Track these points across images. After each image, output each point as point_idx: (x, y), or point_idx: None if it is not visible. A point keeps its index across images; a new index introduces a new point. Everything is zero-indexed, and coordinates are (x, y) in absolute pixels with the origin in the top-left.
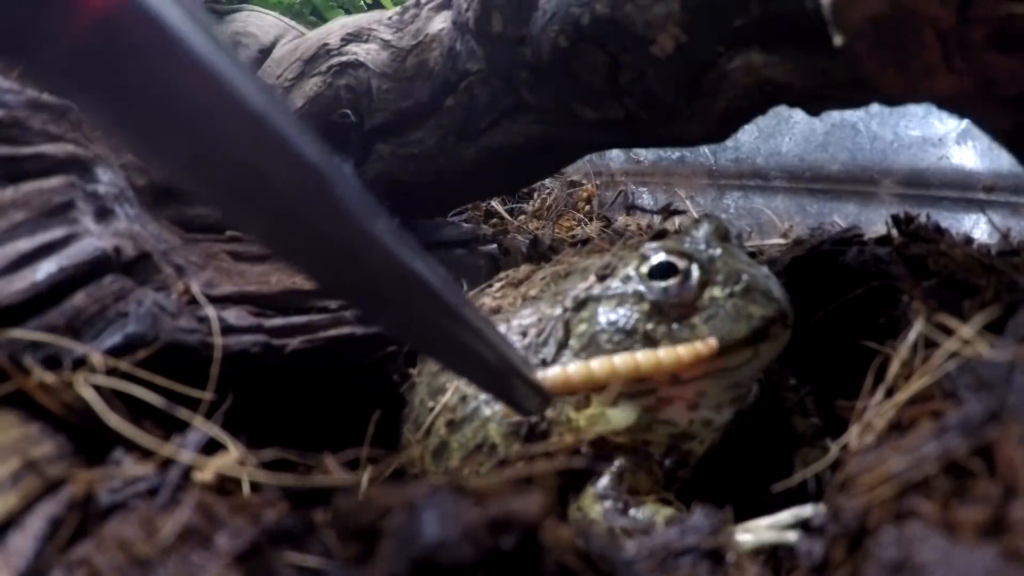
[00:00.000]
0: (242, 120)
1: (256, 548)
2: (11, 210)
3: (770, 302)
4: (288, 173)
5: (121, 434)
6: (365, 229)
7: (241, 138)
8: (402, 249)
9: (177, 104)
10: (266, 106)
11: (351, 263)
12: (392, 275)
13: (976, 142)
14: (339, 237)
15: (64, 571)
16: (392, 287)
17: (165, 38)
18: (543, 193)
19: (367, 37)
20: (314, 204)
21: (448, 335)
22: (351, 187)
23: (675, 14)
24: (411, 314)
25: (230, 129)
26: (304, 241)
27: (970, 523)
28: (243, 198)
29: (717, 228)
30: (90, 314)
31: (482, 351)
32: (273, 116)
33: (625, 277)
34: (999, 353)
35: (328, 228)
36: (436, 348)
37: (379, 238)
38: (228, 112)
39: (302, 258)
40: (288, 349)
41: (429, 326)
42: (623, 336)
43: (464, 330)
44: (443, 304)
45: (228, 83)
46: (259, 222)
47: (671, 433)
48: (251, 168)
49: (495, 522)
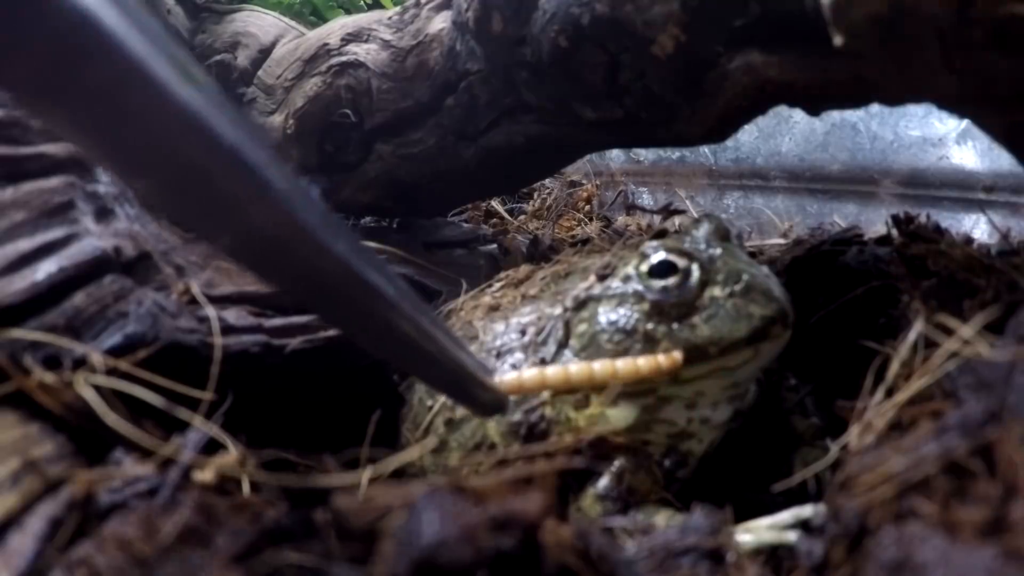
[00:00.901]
0: (179, 125)
1: (256, 548)
2: (11, 210)
3: (770, 302)
4: (225, 171)
5: (121, 434)
6: (321, 240)
7: (178, 142)
8: (363, 264)
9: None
10: (208, 111)
11: (309, 274)
12: (350, 286)
13: (976, 142)
14: (294, 246)
15: (64, 571)
16: (350, 297)
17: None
18: (543, 193)
19: (367, 37)
20: (259, 206)
21: (404, 341)
22: (296, 191)
23: (675, 14)
24: (368, 322)
25: (167, 131)
26: (259, 252)
27: (970, 523)
28: (191, 204)
29: (717, 228)
30: (90, 314)
31: (438, 356)
32: (210, 118)
33: (625, 277)
34: (999, 353)
35: (280, 237)
36: (393, 353)
37: (338, 252)
38: (166, 116)
39: (261, 268)
40: (288, 349)
41: (387, 334)
42: (623, 336)
43: (421, 337)
44: (401, 313)
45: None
46: (209, 228)
47: (670, 432)
48: (194, 173)
49: (495, 522)
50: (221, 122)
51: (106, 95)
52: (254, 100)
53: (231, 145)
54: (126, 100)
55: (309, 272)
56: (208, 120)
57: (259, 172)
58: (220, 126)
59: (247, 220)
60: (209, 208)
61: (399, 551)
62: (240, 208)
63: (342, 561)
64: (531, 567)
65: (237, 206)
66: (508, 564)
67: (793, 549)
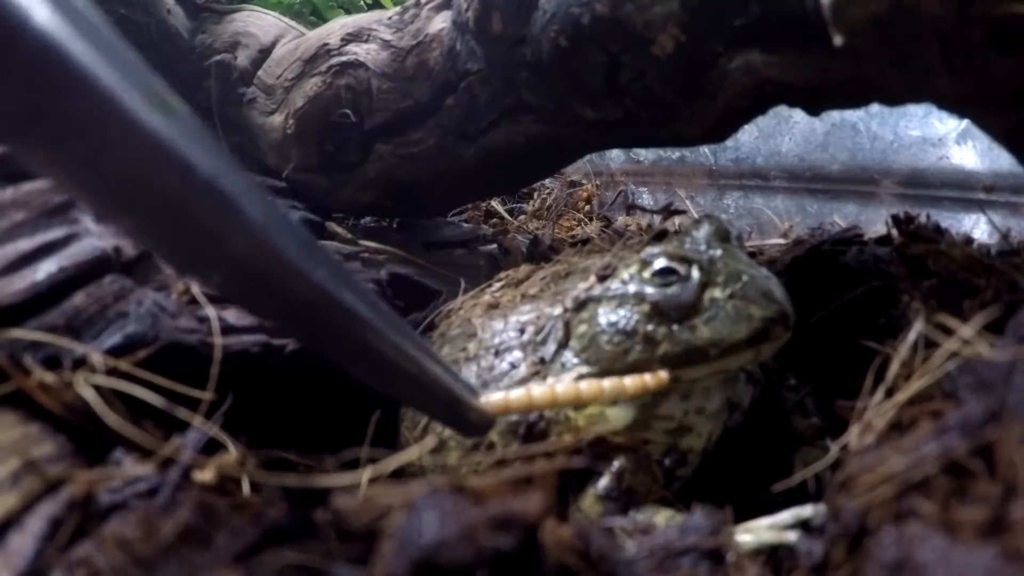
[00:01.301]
0: (152, 156)
1: (256, 548)
2: (11, 210)
3: (771, 303)
4: (200, 202)
5: (121, 434)
6: (300, 267)
7: (151, 174)
8: (342, 290)
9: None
10: (181, 141)
11: (288, 301)
12: (330, 312)
13: (976, 142)
14: (272, 274)
15: (64, 571)
16: (330, 323)
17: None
18: (543, 193)
19: (367, 37)
20: (235, 236)
21: (387, 366)
22: (274, 218)
23: (675, 14)
24: (349, 347)
25: (140, 163)
26: (238, 282)
27: (970, 523)
28: (169, 237)
29: (717, 229)
30: (90, 314)
31: (422, 380)
32: (183, 149)
33: (625, 278)
34: (999, 353)
35: (258, 266)
36: (377, 378)
37: (317, 279)
38: (138, 148)
39: (242, 298)
40: (288, 349)
41: (368, 359)
42: (623, 337)
43: (404, 361)
44: (381, 337)
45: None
46: (189, 262)
47: (668, 428)
48: (169, 205)
49: (495, 522)
50: (195, 152)
51: (78, 129)
52: (254, 100)
53: (205, 175)
54: (98, 133)
55: (288, 299)
56: (181, 151)
57: (234, 201)
58: (194, 156)
59: (224, 251)
60: (186, 240)
61: (399, 551)
62: (217, 239)
63: (342, 561)
64: (531, 567)
65: (213, 237)
66: (508, 564)
67: (793, 549)
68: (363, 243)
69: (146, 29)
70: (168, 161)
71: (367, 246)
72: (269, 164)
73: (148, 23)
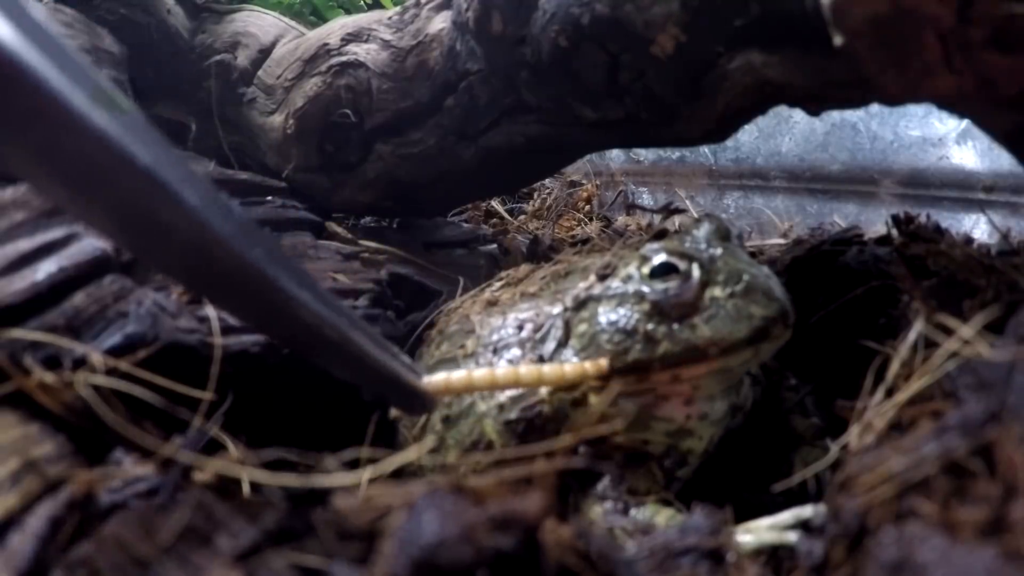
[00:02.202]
0: (96, 150)
1: (256, 548)
2: (11, 210)
3: (771, 302)
4: (141, 190)
5: (121, 434)
6: (236, 248)
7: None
8: (278, 270)
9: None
10: (124, 135)
11: (227, 280)
12: (265, 291)
13: (976, 142)
14: (210, 255)
15: (64, 571)
16: (267, 302)
17: None
18: (543, 193)
19: (367, 37)
20: (175, 221)
21: (325, 343)
22: (212, 204)
23: (675, 14)
24: (287, 325)
25: (85, 157)
26: (180, 263)
27: (970, 523)
28: (117, 225)
29: (718, 228)
30: (90, 314)
31: (360, 358)
32: (125, 142)
33: (626, 277)
34: (999, 353)
35: (196, 247)
36: (317, 355)
37: (252, 258)
38: (83, 142)
39: (184, 278)
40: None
41: (306, 337)
42: (623, 336)
43: (341, 339)
44: (317, 316)
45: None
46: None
47: (669, 431)
48: (113, 194)
49: (495, 522)
50: (137, 144)
51: (28, 125)
52: (254, 100)
53: (145, 165)
54: (46, 128)
55: (225, 278)
56: (123, 143)
57: (173, 188)
58: (135, 148)
59: (164, 233)
60: (130, 225)
61: (399, 551)
62: (157, 223)
63: (342, 561)
64: (531, 567)
65: (154, 221)
66: (508, 564)
67: (793, 549)
68: (363, 243)
69: (146, 29)
70: (110, 152)
71: (367, 246)
72: (269, 164)
73: (148, 23)
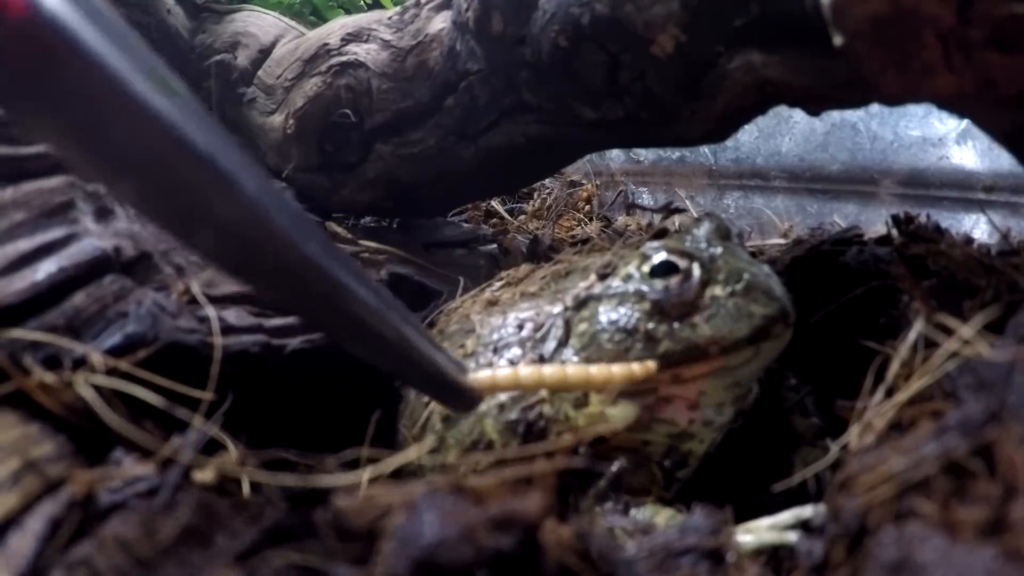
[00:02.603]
0: (156, 134)
1: (256, 548)
2: (11, 210)
3: (771, 301)
4: (199, 177)
5: (121, 434)
6: (293, 241)
7: (154, 150)
8: (332, 264)
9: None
10: (183, 120)
11: (281, 273)
12: (320, 284)
13: (976, 142)
14: (266, 247)
15: (64, 571)
16: (320, 295)
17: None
18: (543, 193)
19: (367, 37)
20: (232, 209)
21: (374, 337)
22: (269, 194)
23: (675, 14)
24: (338, 318)
25: (145, 140)
26: (234, 253)
27: (970, 523)
28: (168, 209)
29: (718, 227)
30: (90, 314)
31: (408, 353)
32: (184, 127)
33: (626, 276)
34: (999, 353)
35: (253, 238)
36: (364, 349)
37: (309, 251)
38: (144, 126)
39: (236, 269)
40: (288, 349)
41: (357, 330)
42: (624, 335)
43: (391, 333)
44: (370, 309)
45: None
46: (186, 232)
47: (671, 433)
48: (169, 179)
49: (495, 522)
50: (194, 130)
51: (88, 108)
52: (254, 100)
53: (203, 151)
54: (105, 111)
55: (281, 271)
56: (181, 128)
57: (231, 176)
58: (193, 133)
59: (219, 221)
60: (184, 211)
61: (399, 551)
62: (212, 210)
63: (342, 561)
64: (531, 567)
65: (209, 208)
66: (508, 564)
67: (793, 549)
68: (363, 243)
69: (146, 29)
70: (169, 137)
71: (367, 246)
72: (269, 164)
73: (148, 23)
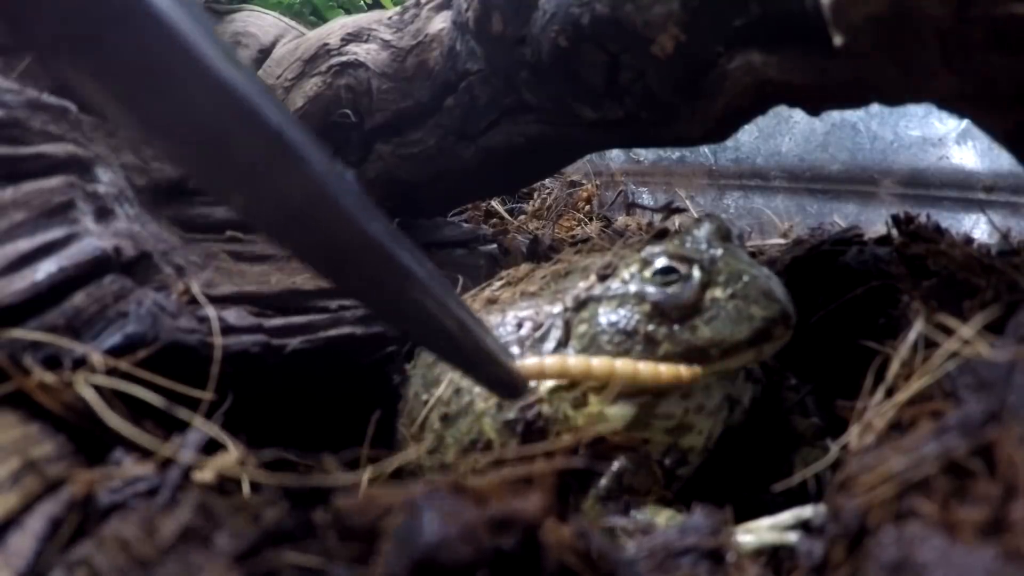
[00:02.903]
0: (229, 104)
1: (256, 548)
2: (11, 210)
3: (772, 303)
4: (269, 149)
5: (121, 434)
6: (357, 220)
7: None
8: (395, 245)
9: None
10: (254, 92)
11: (345, 251)
12: (382, 264)
13: (976, 142)
14: (332, 225)
15: (64, 571)
16: (382, 275)
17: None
18: (543, 193)
19: (367, 37)
20: (299, 184)
21: (431, 321)
22: (334, 173)
23: (675, 14)
24: (397, 299)
25: (216, 108)
26: (298, 228)
27: (970, 523)
28: (233, 176)
29: (719, 228)
30: (90, 314)
31: (462, 337)
32: (256, 99)
33: (626, 278)
34: (999, 353)
35: (318, 215)
36: (419, 331)
37: (372, 231)
38: (215, 94)
39: (299, 244)
40: (288, 349)
41: (415, 313)
42: (624, 337)
43: (447, 318)
44: (429, 293)
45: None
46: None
47: (668, 427)
48: (239, 149)
49: (495, 522)
50: (266, 104)
51: (164, 78)
52: None
53: (275, 125)
54: (180, 80)
55: (343, 248)
56: (255, 101)
57: (300, 152)
58: (265, 107)
59: (286, 196)
60: (251, 185)
61: (399, 551)
62: (281, 185)
63: (342, 561)
64: (531, 567)
65: (278, 183)
66: (508, 564)
67: (793, 549)
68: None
69: None
70: (243, 110)
71: None
72: None
73: None
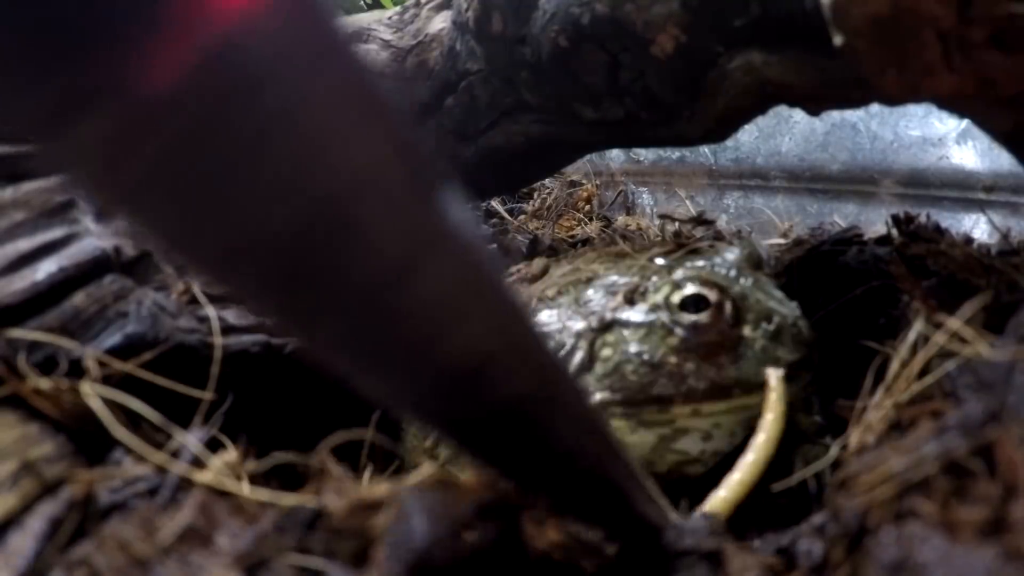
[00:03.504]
0: None
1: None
2: (11, 210)
3: (799, 347)
4: None
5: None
6: None
7: None
8: None
9: None
10: None
11: None
12: None
13: (976, 142)
14: None
15: (64, 571)
16: None
17: None
18: (543, 193)
19: (367, 37)
20: None
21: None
22: None
23: (675, 14)
24: None
25: None
26: None
27: (970, 523)
28: None
29: (750, 255)
30: (90, 314)
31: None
32: None
33: (654, 305)
34: (999, 353)
35: None
36: None
37: None
38: None
39: None
40: (288, 349)
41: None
42: (649, 369)
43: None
44: None
45: None
46: None
47: (679, 461)
48: None
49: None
50: None
51: None
52: None
53: None
54: None
55: None
56: None
57: None
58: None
59: None
60: None
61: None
62: None
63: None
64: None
65: None
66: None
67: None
68: None
69: None
70: None
71: None
72: None
73: None
